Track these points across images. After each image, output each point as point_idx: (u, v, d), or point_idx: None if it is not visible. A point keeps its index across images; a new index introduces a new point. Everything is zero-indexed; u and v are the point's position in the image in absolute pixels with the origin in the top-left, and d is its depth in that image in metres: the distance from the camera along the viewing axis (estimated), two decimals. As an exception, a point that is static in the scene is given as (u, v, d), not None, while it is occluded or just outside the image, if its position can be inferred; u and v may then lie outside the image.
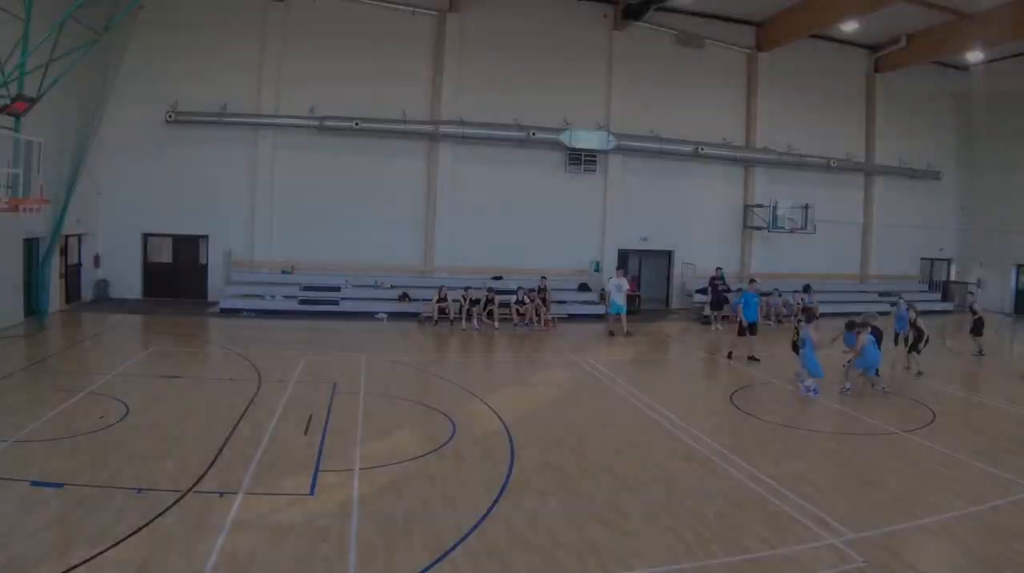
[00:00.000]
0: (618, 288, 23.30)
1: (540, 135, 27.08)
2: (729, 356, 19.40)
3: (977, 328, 20.84)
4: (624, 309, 23.29)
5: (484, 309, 23.69)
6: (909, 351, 18.21)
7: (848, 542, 8.07)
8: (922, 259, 34.24)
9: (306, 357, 17.46)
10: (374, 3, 26.11)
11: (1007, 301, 32.23)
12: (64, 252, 22.93)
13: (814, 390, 15.20)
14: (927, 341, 18.25)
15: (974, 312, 21.39)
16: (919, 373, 17.60)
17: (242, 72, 25.12)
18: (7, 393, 13.05)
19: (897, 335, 19.50)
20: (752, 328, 19.30)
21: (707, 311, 26.07)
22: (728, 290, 26.09)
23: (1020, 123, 31.39)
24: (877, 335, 16.00)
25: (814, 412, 14.41)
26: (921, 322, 18.04)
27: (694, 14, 28.43)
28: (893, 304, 22.28)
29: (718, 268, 26.80)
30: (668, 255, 30.04)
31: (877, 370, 15.93)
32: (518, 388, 15.86)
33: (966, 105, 33.27)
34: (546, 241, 27.73)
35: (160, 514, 8.10)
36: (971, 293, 30.75)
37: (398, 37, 26.30)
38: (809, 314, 16.53)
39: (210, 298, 25.63)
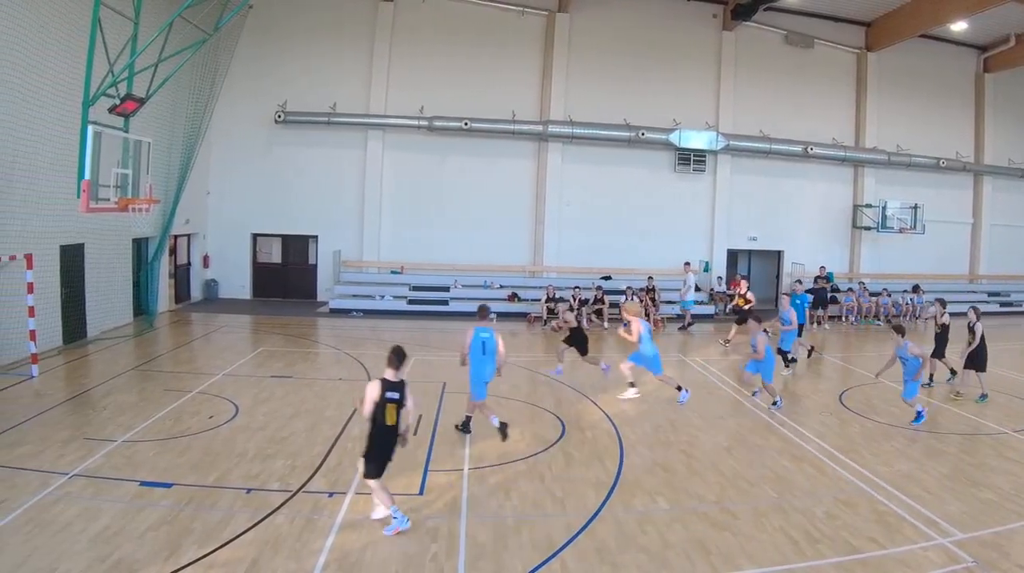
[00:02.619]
0: (684, 283, 21.40)
1: (649, 135, 23.57)
2: (809, 354, 16.83)
3: None
4: (687, 303, 21.11)
5: (593, 308, 20.78)
6: (966, 365, 12.84)
7: (957, 542, 7.21)
8: (1032, 259, 29.41)
9: (415, 357, 15.34)
10: (483, 3, 23.19)
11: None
12: (173, 252, 21.01)
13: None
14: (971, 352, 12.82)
15: None
16: (957, 393, 13.01)
17: (351, 72, 22.70)
18: (117, 393, 11.96)
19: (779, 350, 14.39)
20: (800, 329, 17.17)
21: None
22: (837, 290, 23.87)
23: None
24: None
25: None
26: (980, 326, 12.70)
27: (803, 14, 24.88)
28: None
29: (822, 267, 23.70)
30: (777, 255, 26.30)
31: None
32: (627, 388, 13.42)
33: (1077, 105, 28.71)
34: (654, 241, 24.39)
35: (269, 514, 7.40)
36: None
37: (507, 37, 23.35)
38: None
39: (319, 298, 23.30)
